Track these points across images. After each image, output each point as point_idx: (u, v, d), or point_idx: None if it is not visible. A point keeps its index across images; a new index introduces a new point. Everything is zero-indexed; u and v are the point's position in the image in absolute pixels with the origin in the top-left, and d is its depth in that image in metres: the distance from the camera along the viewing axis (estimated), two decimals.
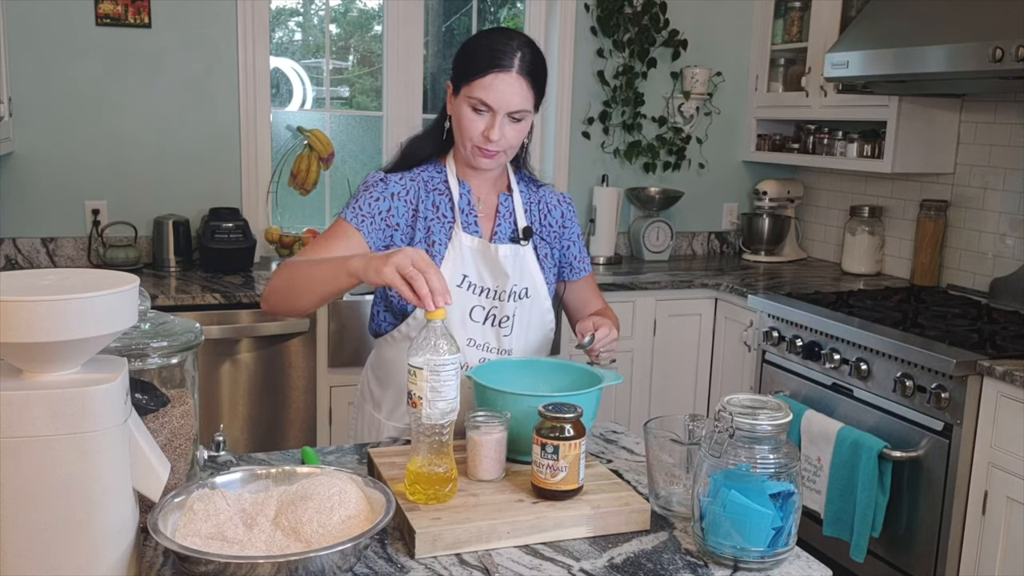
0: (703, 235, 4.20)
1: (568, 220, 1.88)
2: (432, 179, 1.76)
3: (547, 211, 1.85)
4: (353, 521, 1.15)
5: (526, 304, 1.77)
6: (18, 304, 0.97)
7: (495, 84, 1.62)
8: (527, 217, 1.81)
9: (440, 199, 1.74)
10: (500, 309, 1.73)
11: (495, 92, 1.63)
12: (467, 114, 1.66)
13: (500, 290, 1.74)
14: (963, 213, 3.36)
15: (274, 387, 3.03)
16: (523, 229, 1.78)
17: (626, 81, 3.83)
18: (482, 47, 1.65)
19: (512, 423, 1.45)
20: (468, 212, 1.75)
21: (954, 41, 2.68)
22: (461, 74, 1.67)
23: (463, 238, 1.72)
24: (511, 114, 1.65)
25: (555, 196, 1.88)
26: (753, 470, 1.20)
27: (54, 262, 3.27)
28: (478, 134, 1.66)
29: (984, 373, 2.39)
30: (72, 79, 3.21)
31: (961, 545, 2.48)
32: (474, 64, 1.64)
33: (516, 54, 1.64)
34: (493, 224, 1.78)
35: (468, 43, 1.70)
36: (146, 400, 1.29)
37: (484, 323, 1.73)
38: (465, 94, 1.65)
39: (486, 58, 1.63)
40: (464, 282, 1.72)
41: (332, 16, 3.72)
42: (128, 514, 1.09)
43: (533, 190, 1.86)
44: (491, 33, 1.70)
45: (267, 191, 3.49)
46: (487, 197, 1.79)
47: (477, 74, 1.63)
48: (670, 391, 3.54)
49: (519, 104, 1.65)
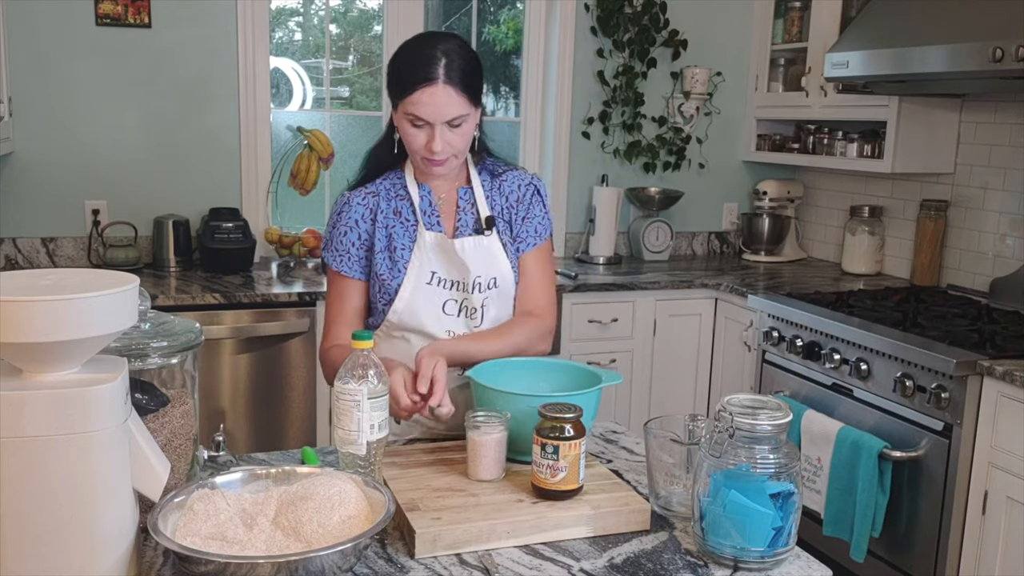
0: (703, 235, 4.20)
1: (522, 200, 1.83)
2: (393, 186, 1.79)
3: (506, 195, 1.82)
4: (353, 521, 1.15)
5: (494, 294, 1.77)
6: (18, 304, 0.97)
7: (423, 99, 1.62)
8: (489, 205, 1.80)
9: (402, 204, 1.77)
10: (469, 301, 1.75)
11: (425, 106, 1.62)
12: (407, 129, 1.67)
13: (464, 282, 1.75)
14: (963, 213, 3.36)
15: (274, 387, 3.03)
16: (485, 219, 1.78)
17: (626, 81, 3.83)
18: (405, 63, 1.65)
19: (512, 423, 1.45)
20: (430, 213, 1.77)
21: (954, 41, 2.68)
22: (393, 91, 1.68)
23: (426, 236, 1.74)
24: (448, 122, 1.65)
25: (517, 179, 1.84)
26: (753, 470, 1.20)
27: (54, 262, 3.27)
28: (421, 146, 1.67)
29: (984, 373, 2.39)
30: (72, 79, 3.21)
31: (961, 545, 2.48)
32: (401, 81, 1.64)
33: (440, 62, 1.62)
34: (454, 219, 1.78)
35: (394, 58, 1.69)
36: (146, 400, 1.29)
37: (459, 315, 1.76)
38: (401, 110, 1.66)
39: (410, 74, 1.63)
40: (433, 279, 1.75)
41: (332, 16, 3.72)
42: (128, 514, 1.09)
43: (497, 177, 1.83)
44: (413, 44, 1.68)
45: (267, 191, 3.49)
46: (448, 194, 1.80)
47: (405, 91, 1.63)
48: (670, 391, 3.54)
49: (454, 112, 1.64)
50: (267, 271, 3.34)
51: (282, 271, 3.33)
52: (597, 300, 3.36)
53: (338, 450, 1.38)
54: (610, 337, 3.39)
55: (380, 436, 1.37)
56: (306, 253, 3.39)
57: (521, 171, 1.87)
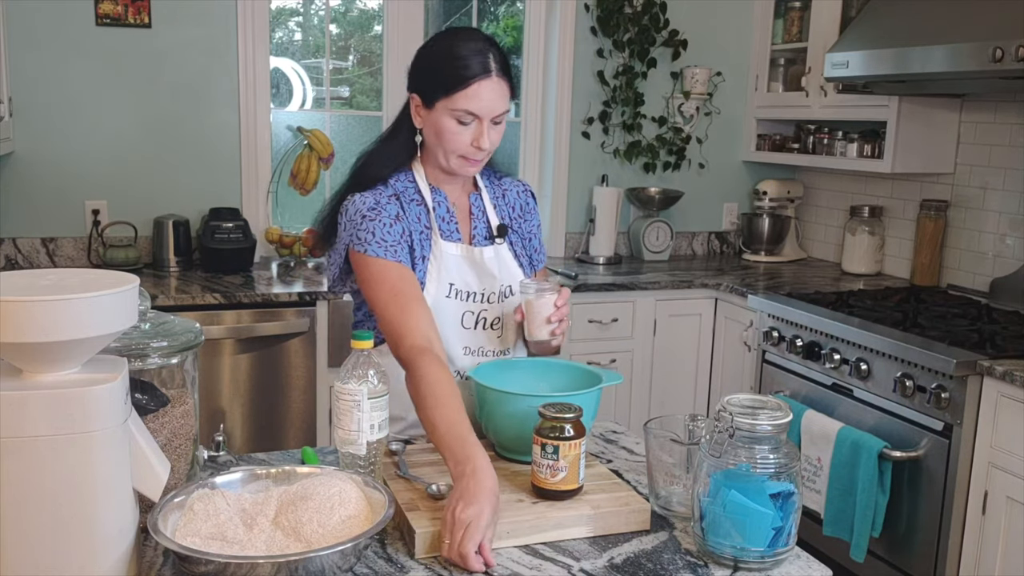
0: (703, 235, 4.20)
1: (527, 211, 1.82)
2: (407, 189, 1.68)
3: (512, 204, 1.81)
4: (353, 521, 1.15)
5: (511, 302, 1.73)
6: (18, 304, 0.97)
7: (481, 92, 1.57)
8: (496, 213, 1.77)
9: (418, 209, 1.68)
10: (489, 311, 1.70)
11: (481, 100, 1.57)
12: (450, 127, 1.59)
13: (488, 292, 1.70)
14: (963, 213, 3.36)
15: (274, 387, 3.03)
16: (497, 228, 1.75)
17: (626, 81, 3.83)
18: (455, 56, 1.57)
19: (512, 423, 1.45)
20: (448, 219, 1.70)
21: (954, 41, 2.68)
22: (436, 87, 1.59)
23: (444, 246, 1.67)
24: (493, 118, 1.61)
25: (516, 187, 1.83)
26: (753, 470, 1.20)
27: (54, 262, 3.27)
28: (466, 145, 1.60)
29: (984, 373, 2.39)
30: (72, 79, 3.21)
31: (961, 545, 2.48)
32: (453, 75, 1.57)
33: (491, 55, 1.58)
34: (470, 227, 1.74)
35: (435, 52, 1.62)
36: (146, 400, 1.29)
37: (475, 328, 1.69)
38: (446, 107, 1.58)
39: (464, 67, 1.56)
40: (451, 290, 1.67)
41: (332, 16, 3.72)
42: (128, 514, 1.09)
43: (496, 183, 1.81)
44: (455, 38, 1.61)
45: (267, 191, 3.49)
46: (459, 200, 1.75)
47: (459, 85, 1.56)
48: (670, 391, 3.54)
49: (504, 106, 1.61)
50: (267, 271, 3.34)
51: (282, 271, 3.33)
52: (597, 300, 3.36)
53: (338, 450, 1.38)
54: (610, 337, 3.39)
55: (380, 436, 1.37)
56: (306, 253, 3.39)
57: (512, 177, 1.86)
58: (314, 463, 1.49)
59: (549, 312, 1.58)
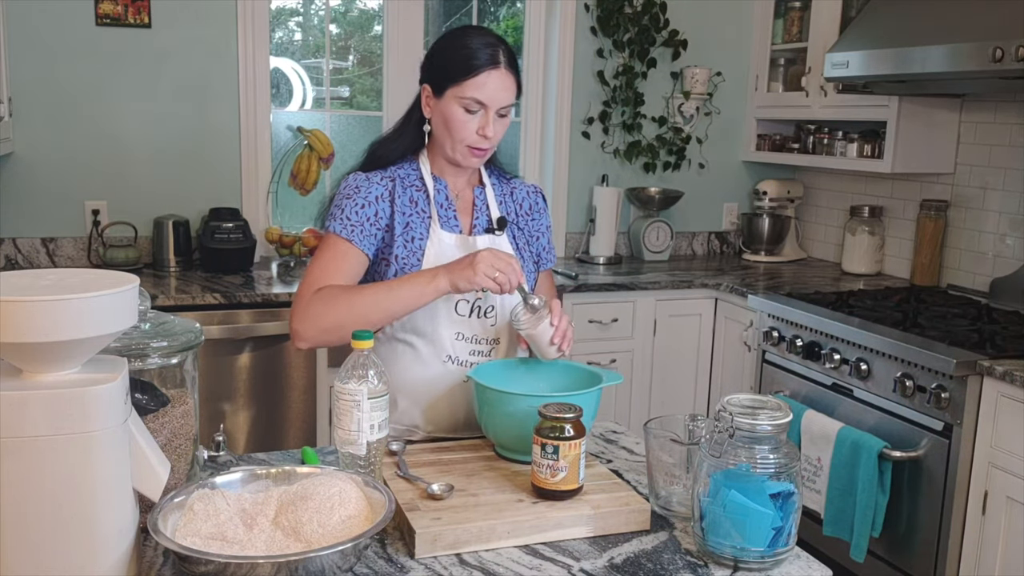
0: (703, 235, 4.20)
1: (536, 211, 1.89)
2: (408, 176, 1.76)
3: (519, 202, 1.87)
4: (353, 521, 1.15)
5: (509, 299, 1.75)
6: (18, 304, 0.97)
7: (489, 81, 1.65)
8: (501, 209, 1.83)
9: (417, 195, 1.75)
10: (484, 299, 1.74)
11: (489, 89, 1.65)
12: (458, 115, 1.66)
13: None
14: (963, 213, 3.36)
15: (274, 387, 3.03)
16: (497, 220, 1.80)
17: (626, 81, 3.83)
18: (465, 47, 1.66)
19: (512, 423, 1.45)
20: (447, 207, 1.76)
21: (954, 41, 2.68)
22: (447, 76, 1.67)
23: (442, 235, 1.72)
24: (499, 110, 1.68)
25: (525, 187, 1.90)
26: (753, 470, 1.20)
27: (54, 262, 3.27)
28: (472, 133, 1.68)
29: (984, 373, 2.39)
30: (72, 79, 3.21)
31: (961, 545, 2.48)
32: (463, 64, 1.65)
33: (500, 48, 1.67)
34: (471, 218, 1.79)
35: (448, 44, 1.69)
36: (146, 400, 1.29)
37: (470, 316, 1.73)
38: (455, 95, 1.66)
39: (473, 56, 1.65)
40: None
41: (332, 16, 3.72)
42: (128, 514, 1.09)
43: (505, 182, 1.88)
44: (466, 32, 1.70)
45: (267, 191, 3.49)
46: (463, 192, 1.80)
47: (469, 74, 1.64)
48: (670, 391, 3.54)
49: (510, 99, 1.69)
50: (267, 271, 3.34)
51: (282, 271, 3.33)
52: (597, 300, 3.36)
53: (338, 450, 1.38)
54: (610, 337, 3.39)
55: (380, 436, 1.37)
56: (306, 253, 3.39)
57: (523, 180, 1.93)
58: (314, 463, 1.49)
59: (550, 335, 1.60)
